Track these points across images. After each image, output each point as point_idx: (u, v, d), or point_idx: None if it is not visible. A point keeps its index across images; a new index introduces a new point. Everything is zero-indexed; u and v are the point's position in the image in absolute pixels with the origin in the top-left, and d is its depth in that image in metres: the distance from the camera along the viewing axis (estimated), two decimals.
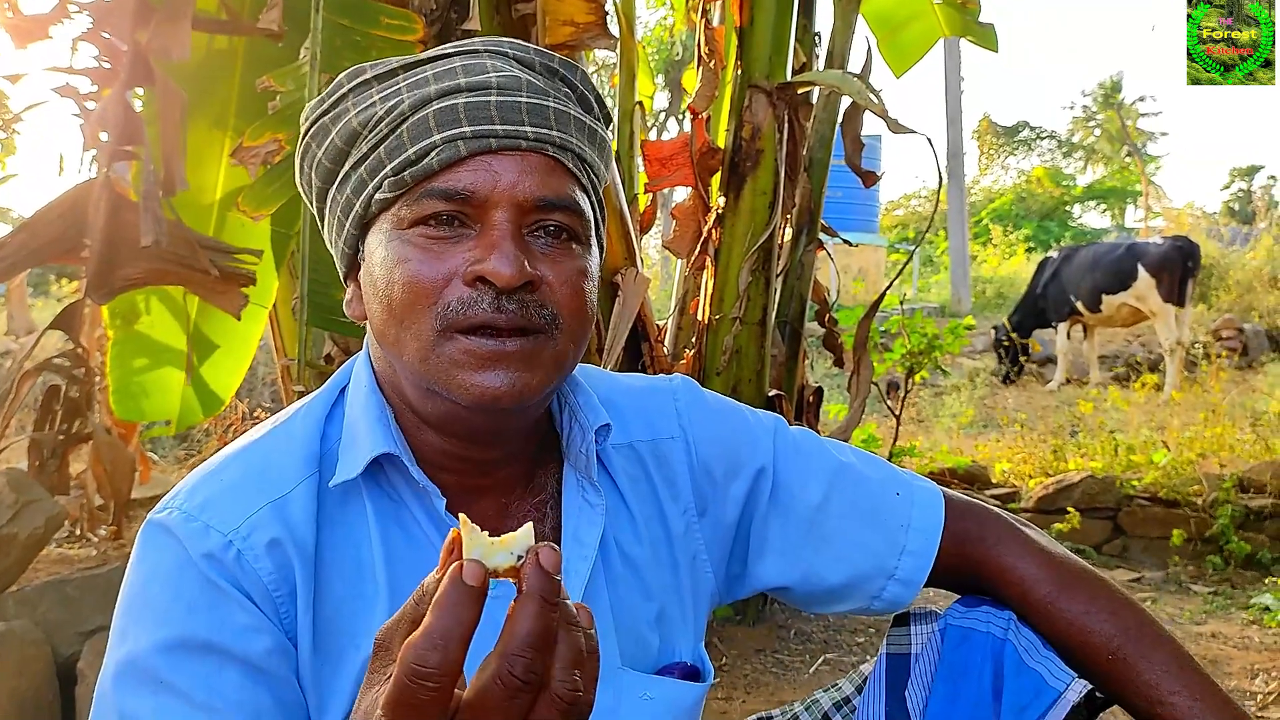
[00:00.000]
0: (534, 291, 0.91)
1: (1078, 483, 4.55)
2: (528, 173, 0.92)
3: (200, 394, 3.59)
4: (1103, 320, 10.21)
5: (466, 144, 0.91)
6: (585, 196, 0.97)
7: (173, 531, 0.93)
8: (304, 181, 1.02)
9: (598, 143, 0.99)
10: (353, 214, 0.96)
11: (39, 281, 15.57)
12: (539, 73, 0.97)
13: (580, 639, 0.62)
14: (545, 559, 0.61)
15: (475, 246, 0.91)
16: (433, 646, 0.58)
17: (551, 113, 0.94)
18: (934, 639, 1.17)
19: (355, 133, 0.95)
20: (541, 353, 0.93)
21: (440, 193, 0.91)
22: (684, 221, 3.48)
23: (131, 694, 0.88)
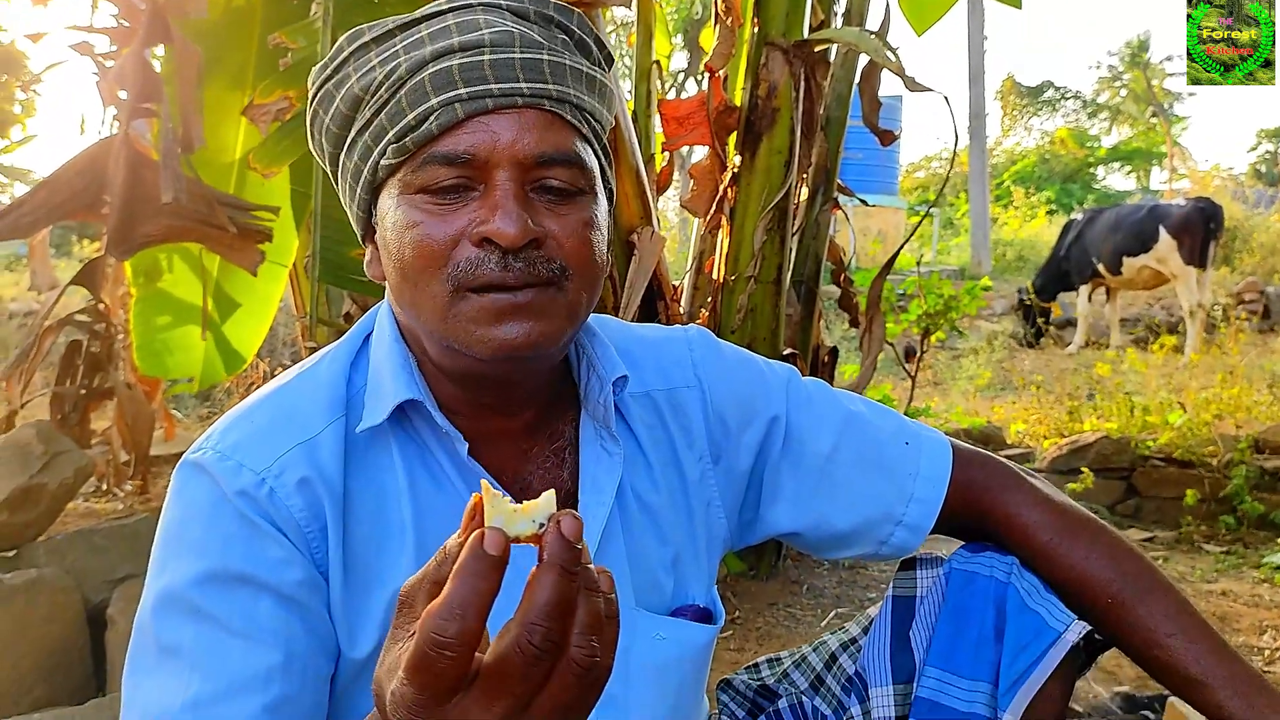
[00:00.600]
0: (540, 247, 0.93)
1: (1092, 443, 4.55)
2: (526, 130, 0.93)
3: (223, 352, 3.64)
4: (1124, 283, 10.14)
5: (463, 106, 0.92)
6: (587, 146, 0.98)
7: (207, 470, 0.96)
8: (316, 147, 1.04)
9: (597, 89, 1.00)
10: (362, 179, 0.98)
11: (60, 241, 15.70)
12: (534, 22, 0.98)
13: (600, 604, 0.63)
14: (567, 528, 0.62)
15: (480, 207, 0.92)
16: (451, 616, 0.60)
17: (546, 65, 0.95)
18: (938, 582, 1.20)
19: (358, 98, 0.96)
20: (553, 304, 0.95)
21: (442, 157, 0.93)
22: (701, 180, 3.47)
23: (171, 623, 0.92)
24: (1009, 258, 16.46)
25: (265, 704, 0.90)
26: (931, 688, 1.14)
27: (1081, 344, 10.05)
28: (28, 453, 2.69)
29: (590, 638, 0.62)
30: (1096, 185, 29.53)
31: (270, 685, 0.91)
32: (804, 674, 1.31)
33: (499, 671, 0.61)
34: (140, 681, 0.93)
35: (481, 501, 0.65)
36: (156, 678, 0.91)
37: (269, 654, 0.91)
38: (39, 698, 2.42)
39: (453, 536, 0.66)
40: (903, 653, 1.19)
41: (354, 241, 2.62)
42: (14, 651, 2.40)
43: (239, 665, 0.90)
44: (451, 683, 0.61)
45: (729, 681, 1.38)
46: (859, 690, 1.22)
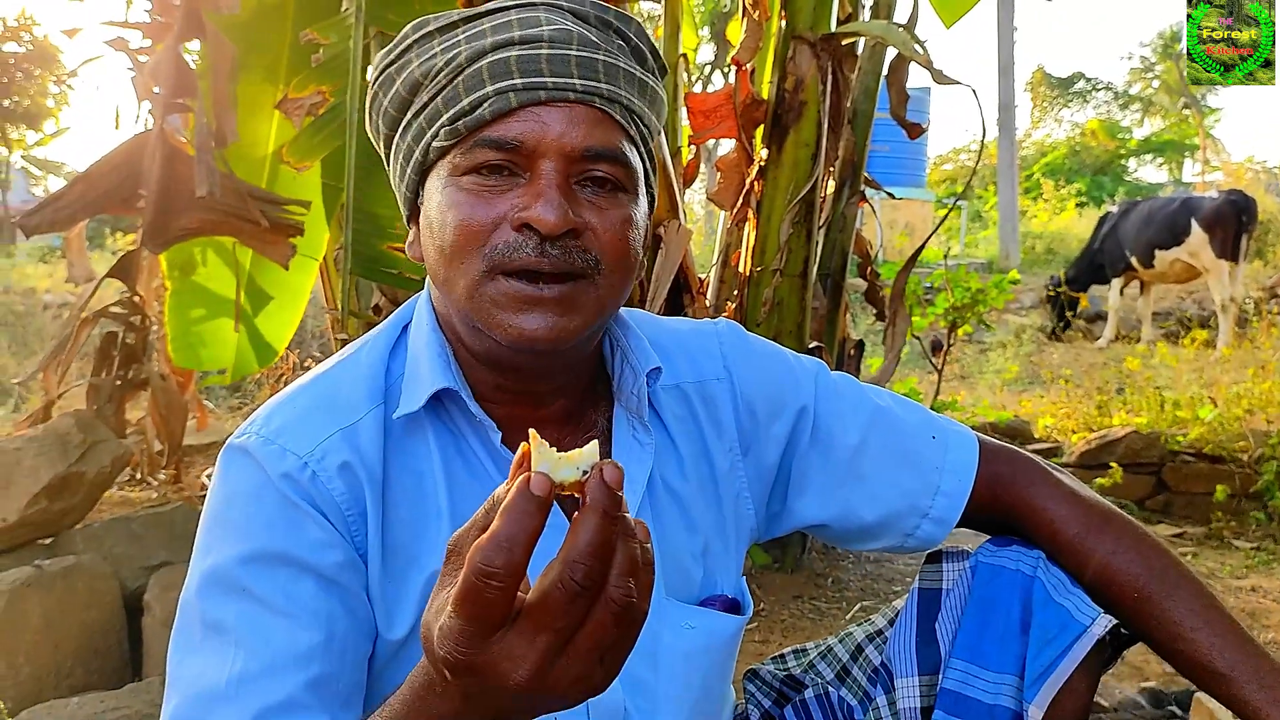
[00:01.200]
0: (577, 238, 0.95)
1: (1121, 438, 4.53)
2: (575, 124, 0.96)
3: (255, 344, 3.68)
4: (1156, 276, 10.04)
5: (517, 95, 0.95)
6: (633, 147, 1.01)
7: (251, 454, 0.99)
8: (372, 129, 1.07)
9: (648, 95, 1.02)
10: (413, 160, 1.01)
11: (95, 235, 15.90)
12: (593, 25, 1.00)
13: (636, 550, 0.66)
14: (609, 475, 0.65)
15: (524, 194, 0.95)
16: (498, 549, 0.63)
17: (600, 65, 0.97)
18: (965, 575, 1.21)
19: (417, 82, 0.99)
20: (581, 297, 0.97)
21: (491, 142, 0.95)
22: (728, 174, 3.48)
23: (215, 601, 0.95)
24: (1038, 250, 16.33)
25: (307, 680, 0.92)
26: (957, 679, 1.15)
27: (1111, 338, 9.97)
28: (66, 442, 2.74)
29: (628, 579, 0.66)
30: (1128, 177, 29.21)
31: (311, 663, 0.93)
32: (830, 665, 1.33)
33: (542, 607, 0.65)
34: (185, 658, 0.96)
35: (529, 451, 0.68)
36: (201, 654, 0.94)
37: (311, 633, 0.94)
38: (76, 682, 2.47)
39: (501, 485, 0.68)
40: (928, 644, 1.20)
41: (386, 235, 2.66)
42: (53, 636, 2.45)
43: (282, 643, 0.93)
44: (498, 614, 0.64)
45: (755, 672, 1.40)
46: (885, 681, 1.23)
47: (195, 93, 2.75)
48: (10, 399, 6.72)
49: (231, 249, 3.43)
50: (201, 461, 4.86)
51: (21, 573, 2.46)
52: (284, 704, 0.91)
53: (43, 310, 10.99)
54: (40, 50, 21.69)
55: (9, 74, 21.43)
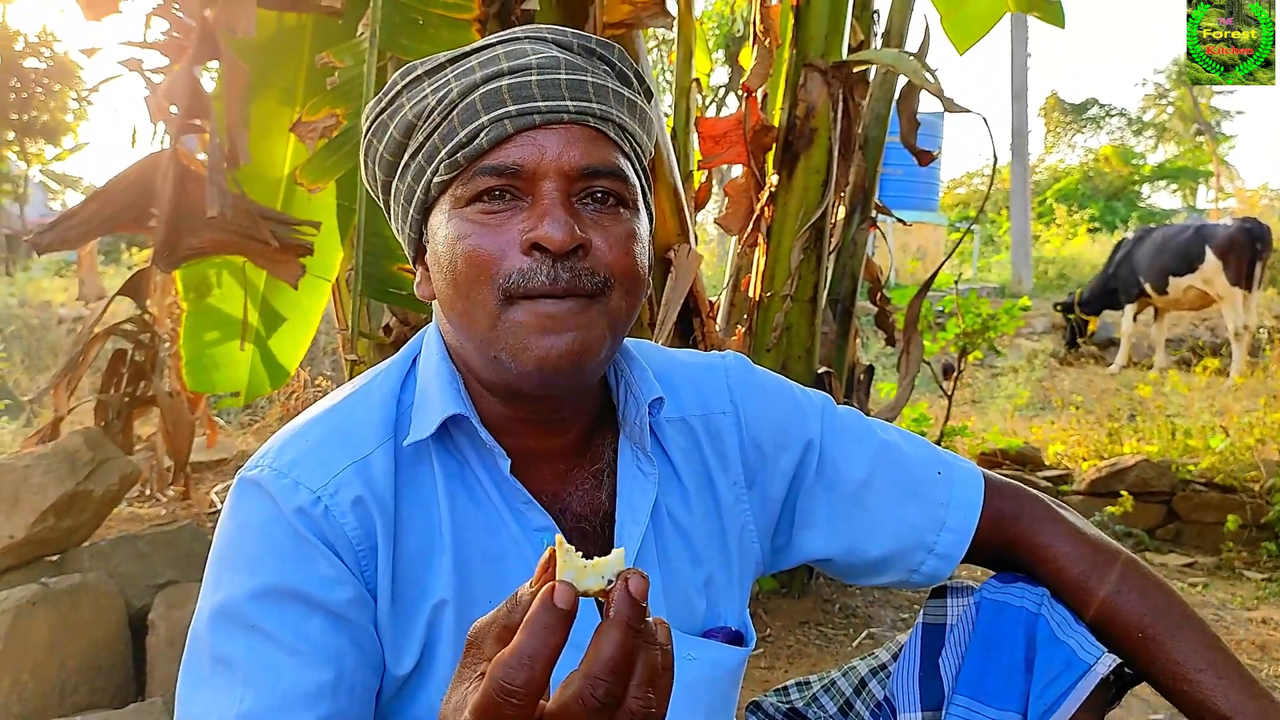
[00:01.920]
0: (585, 257, 0.96)
1: (1132, 466, 4.51)
2: (572, 143, 0.97)
3: (268, 365, 3.70)
4: (1170, 303, 10.02)
5: (512, 121, 0.96)
6: (629, 163, 1.02)
7: (264, 487, 0.99)
8: (369, 177, 1.08)
9: (638, 114, 1.03)
10: (415, 200, 1.02)
11: (111, 250, 16.01)
12: (577, 53, 1.02)
13: (657, 656, 0.66)
14: (634, 587, 0.64)
15: (529, 216, 0.96)
16: (520, 666, 0.62)
17: (590, 87, 0.98)
18: (969, 611, 1.20)
19: (411, 124, 1.00)
20: (594, 315, 0.97)
21: (491, 169, 0.96)
22: (736, 199, 3.49)
23: (225, 636, 0.95)
24: (1050, 275, 16.29)
25: (315, 719, 0.92)
26: (960, 715, 1.14)
27: (1124, 364, 9.93)
28: (75, 460, 2.75)
29: (647, 690, 0.65)
30: (1141, 204, 29.16)
31: (320, 702, 0.93)
32: (833, 698, 1.32)
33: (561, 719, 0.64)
34: (193, 692, 0.96)
35: (554, 555, 0.67)
36: (209, 689, 0.94)
37: (319, 671, 0.94)
38: (80, 700, 2.47)
39: (524, 585, 0.68)
40: (932, 679, 1.19)
41: (396, 257, 2.66)
42: (58, 654, 2.45)
43: (290, 681, 0.93)
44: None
45: (758, 704, 1.39)
46: (888, 715, 1.23)
47: (209, 114, 2.77)
48: (23, 414, 6.75)
49: (243, 269, 3.45)
50: (211, 478, 4.87)
51: (28, 590, 2.47)
52: None
53: (57, 324, 11.06)
54: (60, 66, 21.94)
55: (29, 89, 21.66)
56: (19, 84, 21.43)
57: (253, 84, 2.87)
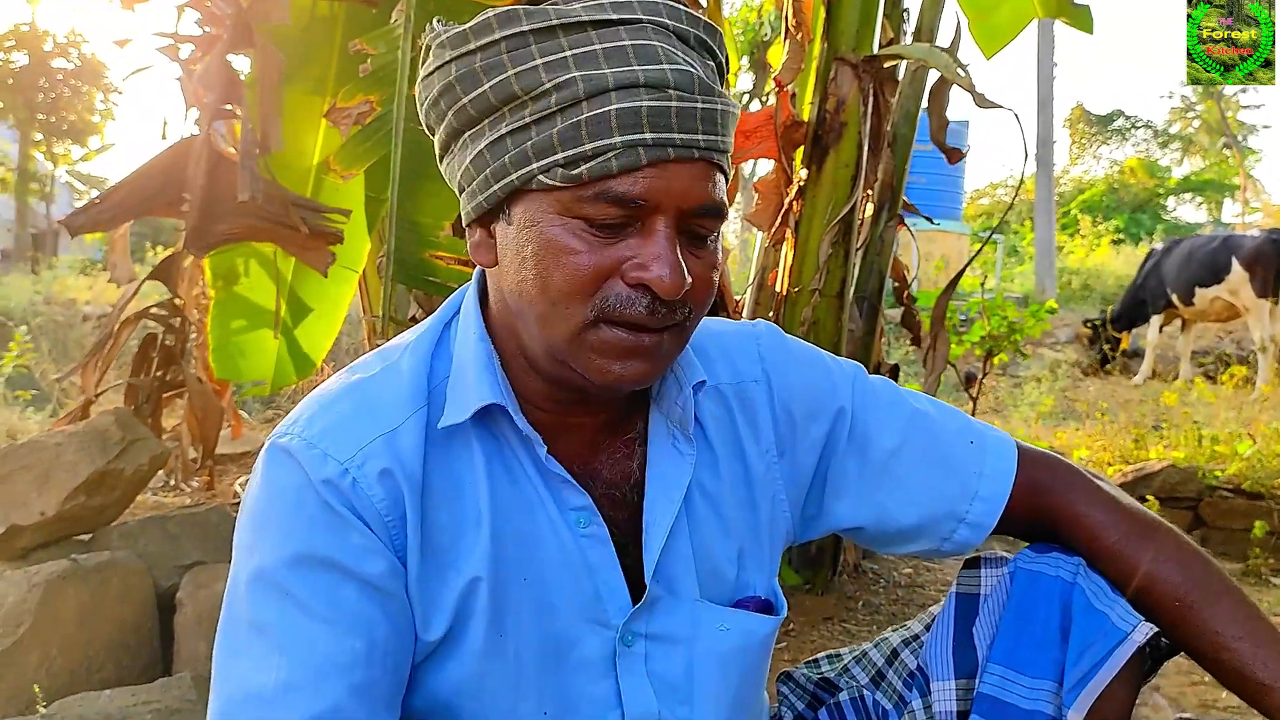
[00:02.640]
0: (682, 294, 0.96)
1: (1158, 472, 4.47)
2: (695, 180, 0.95)
3: (294, 356, 3.72)
4: (1197, 314, 9.95)
5: (647, 151, 0.92)
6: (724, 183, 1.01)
7: (294, 456, 0.99)
8: (434, 114, 1.01)
9: (732, 123, 1.00)
10: (505, 180, 0.96)
11: (135, 247, 16.15)
12: (693, 48, 0.97)
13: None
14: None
15: (637, 248, 0.94)
16: None
17: (718, 117, 0.95)
18: (1003, 581, 1.19)
19: (514, 95, 0.93)
20: (673, 342, 1.00)
21: (614, 197, 0.93)
22: (766, 195, 3.49)
23: (260, 601, 0.96)
24: (1074, 286, 16.22)
25: (350, 687, 0.93)
26: (994, 684, 1.14)
27: (1148, 374, 9.86)
28: (106, 438, 2.77)
29: None
30: (1166, 216, 28.99)
31: (355, 670, 0.94)
32: (865, 669, 1.32)
33: None
34: (229, 657, 0.97)
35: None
36: (246, 655, 0.95)
37: (353, 640, 0.95)
38: (107, 676, 2.49)
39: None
40: (965, 648, 1.19)
41: (428, 243, 2.68)
42: (87, 630, 2.47)
43: (324, 650, 0.94)
44: None
45: (789, 674, 1.39)
46: (920, 685, 1.22)
47: (243, 100, 2.80)
48: (49, 404, 6.81)
49: (273, 259, 3.48)
50: (235, 470, 4.90)
51: (58, 566, 2.49)
52: (330, 711, 0.92)
53: (82, 321, 11.17)
54: (88, 66, 22.20)
55: (57, 90, 21.93)
56: (47, 84, 21.72)
57: (285, 72, 2.90)
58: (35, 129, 22.34)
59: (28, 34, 21.38)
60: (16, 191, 22.97)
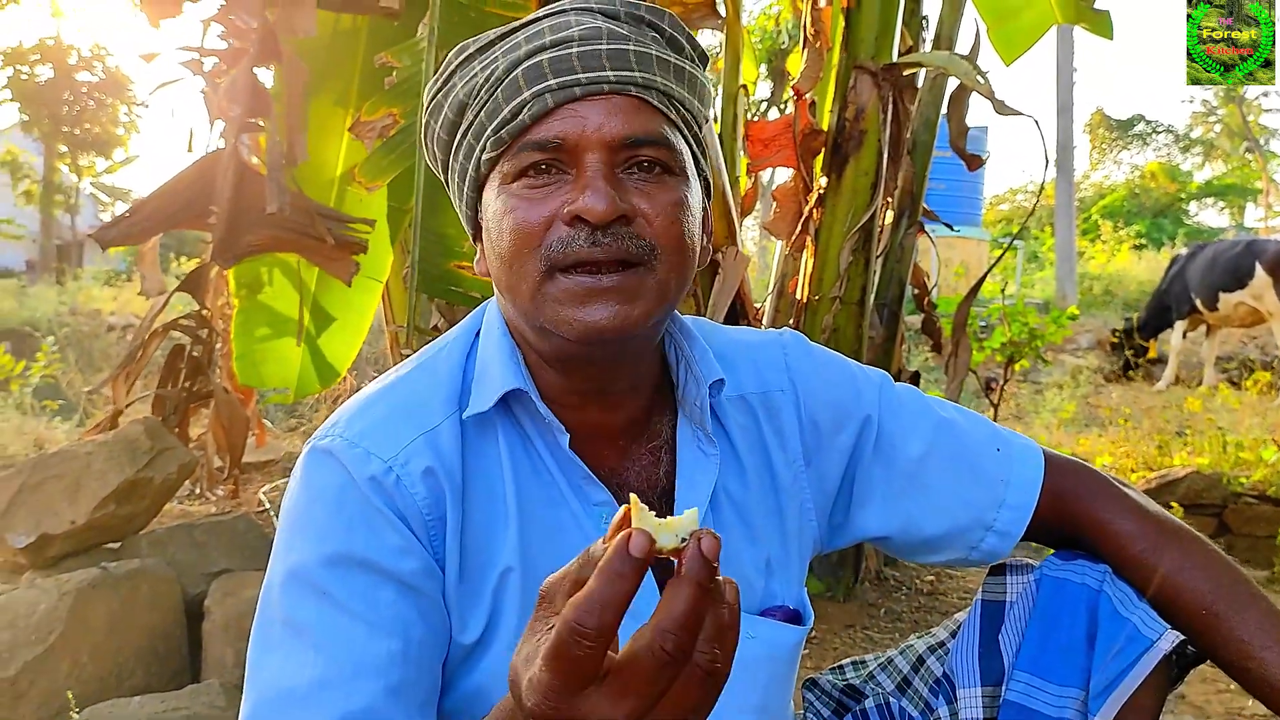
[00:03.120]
0: (629, 224, 0.96)
1: (1182, 478, 4.44)
2: (613, 114, 0.97)
3: (317, 364, 3.75)
4: (1221, 319, 9.86)
5: (553, 95, 0.97)
6: (676, 131, 1.01)
7: (336, 456, 1.00)
8: (430, 158, 1.11)
9: (686, 80, 1.03)
10: (468, 178, 1.04)
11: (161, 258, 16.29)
12: (624, 21, 1.02)
13: (725, 614, 0.66)
14: (707, 546, 0.65)
15: (572, 189, 0.97)
16: (592, 610, 0.63)
17: (632, 55, 0.99)
18: (1029, 588, 1.19)
19: (463, 103, 1.02)
20: (641, 285, 0.97)
21: (534, 144, 0.97)
22: (785, 203, 3.50)
23: (296, 600, 0.97)
24: (1095, 292, 16.11)
25: (386, 687, 0.94)
26: (1020, 692, 1.14)
27: (1171, 380, 9.79)
28: (135, 448, 2.81)
29: (714, 646, 0.66)
30: (1188, 221, 28.79)
31: (391, 670, 0.94)
32: (890, 676, 1.32)
33: (630, 671, 0.65)
34: (264, 655, 0.97)
35: (629, 514, 0.68)
36: (281, 653, 0.96)
37: (389, 640, 0.95)
38: (137, 683, 2.52)
39: (597, 541, 0.69)
40: (991, 656, 1.19)
41: (452, 254, 2.70)
42: (117, 637, 2.50)
43: (360, 649, 0.94)
44: (587, 672, 0.65)
45: (814, 681, 1.39)
46: (946, 692, 1.23)
47: (270, 113, 2.84)
48: (75, 413, 6.88)
49: (297, 268, 3.52)
50: (259, 479, 4.94)
51: (88, 574, 2.52)
52: (364, 711, 0.92)
53: (107, 331, 11.28)
54: (111, 79, 22.44)
55: (81, 103, 22.17)
56: (71, 97, 21.97)
57: (309, 85, 2.93)
58: (60, 142, 22.58)
59: (52, 48, 21.63)
60: (42, 204, 23.21)
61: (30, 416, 6.59)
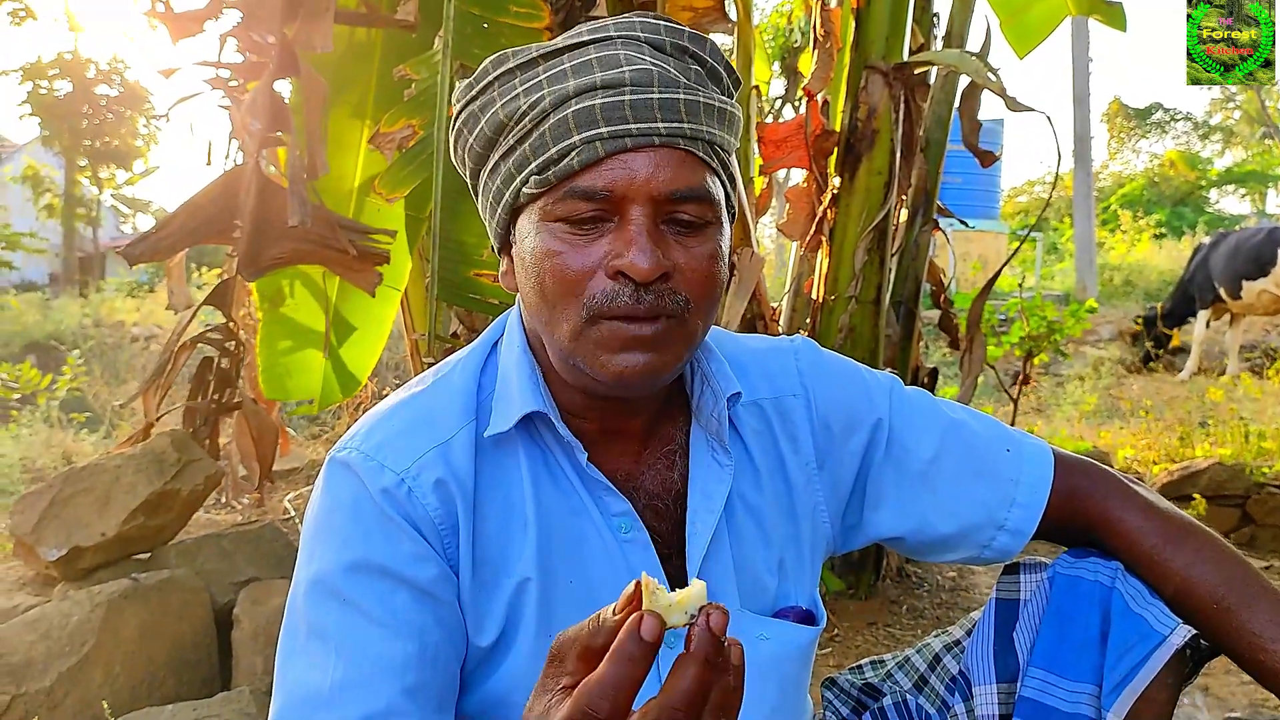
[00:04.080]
0: (668, 280, 0.99)
1: (1205, 469, 4.43)
2: (661, 167, 0.98)
3: (339, 374, 3.79)
4: (1245, 307, 9.78)
5: (604, 144, 0.97)
6: (715, 178, 1.03)
7: (352, 468, 1.05)
8: (458, 161, 1.11)
9: (727, 120, 1.04)
10: (503, 201, 1.05)
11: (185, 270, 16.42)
12: (670, 54, 1.02)
13: (730, 681, 0.68)
14: (714, 622, 0.67)
15: (615, 240, 0.98)
16: (605, 695, 0.66)
17: (682, 105, 0.99)
18: (1043, 586, 1.21)
19: (502, 124, 1.02)
20: (672, 335, 1.00)
21: (581, 192, 0.98)
22: (798, 204, 3.52)
23: (319, 607, 1.01)
24: (1116, 282, 16.02)
25: (403, 688, 0.98)
26: (1035, 688, 1.16)
27: (1194, 370, 9.73)
28: (163, 460, 2.85)
29: (719, 714, 0.68)
30: (1209, 209, 28.55)
31: (408, 672, 0.98)
32: (908, 674, 1.34)
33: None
34: (290, 659, 1.02)
35: (640, 587, 0.70)
36: (305, 658, 1.00)
37: (405, 643, 0.99)
38: (168, 692, 2.56)
39: (607, 608, 0.72)
40: (1006, 653, 1.21)
41: (472, 262, 2.74)
42: (148, 647, 2.55)
43: (378, 652, 0.98)
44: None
45: (833, 680, 1.42)
46: (963, 689, 1.25)
47: (290, 127, 2.87)
48: (102, 426, 6.96)
49: (321, 281, 3.56)
50: (284, 487, 5.00)
51: (119, 585, 2.57)
52: (383, 711, 0.96)
53: (130, 342, 11.39)
54: (130, 92, 22.65)
55: (100, 115, 22.38)
56: (90, 110, 22.18)
57: (328, 97, 2.96)
58: (80, 155, 22.80)
59: (71, 62, 21.84)
60: (63, 217, 23.44)
61: (58, 429, 6.67)
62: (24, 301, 14.92)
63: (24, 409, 7.02)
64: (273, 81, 2.85)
